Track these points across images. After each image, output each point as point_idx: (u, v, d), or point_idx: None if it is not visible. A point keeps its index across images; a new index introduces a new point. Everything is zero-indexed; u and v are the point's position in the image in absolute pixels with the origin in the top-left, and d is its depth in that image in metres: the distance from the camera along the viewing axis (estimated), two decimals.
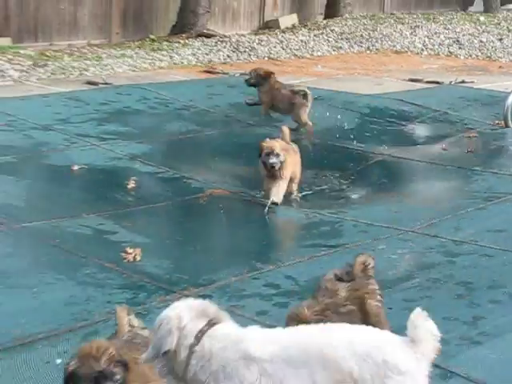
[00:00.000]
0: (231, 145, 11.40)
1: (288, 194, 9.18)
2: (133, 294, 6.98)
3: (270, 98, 12.23)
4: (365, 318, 5.55)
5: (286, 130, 9.50)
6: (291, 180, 9.18)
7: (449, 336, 6.19)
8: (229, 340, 4.20)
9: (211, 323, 4.29)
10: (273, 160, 8.69)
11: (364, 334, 4.23)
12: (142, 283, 7.18)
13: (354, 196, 10.07)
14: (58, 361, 5.69)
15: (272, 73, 12.42)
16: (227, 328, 4.33)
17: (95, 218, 8.43)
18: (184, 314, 4.31)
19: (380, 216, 8.91)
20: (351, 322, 5.33)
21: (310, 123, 11.97)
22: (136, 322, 5.11)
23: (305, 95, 11.97)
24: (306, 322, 5.32)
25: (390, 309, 6.74)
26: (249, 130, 12.12)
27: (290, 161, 8.98)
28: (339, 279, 5.69)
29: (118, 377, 4.35)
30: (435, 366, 4.07)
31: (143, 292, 7.03)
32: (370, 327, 4.44)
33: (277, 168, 8.73)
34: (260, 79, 12.25)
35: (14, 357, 5.81)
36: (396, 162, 11.10)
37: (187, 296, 6.79)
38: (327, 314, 5.49)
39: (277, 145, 8.82)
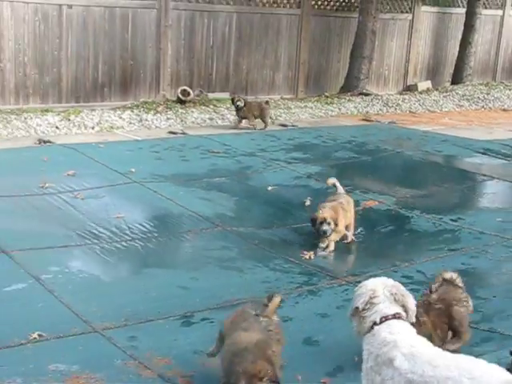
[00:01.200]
0: (381, 167, 11.30)
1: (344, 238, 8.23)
2: (307, 278, 7.01)
3: (250, 111, 13.58)
4: (450, 320, 5.23)
5: (335, 183, 8.59)
6: (346, 228, 8.16)
7: None
8: (392, 340, 3.91)
9: (396, 316, 4.04)
10: (325, 228, 7.74)
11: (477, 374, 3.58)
12: (315, 272, 7.20)
13: (469, 206, 9.74)
14: None
15: (246, 100, 13.97)
16: (400, 329, 4.00)
17: (282, 230, 8.43)
18: (378, 288, 4.12)
19: (489, 225, 8.54)
20: (438, 318, 5.18)
21: (269, 121, 13.89)
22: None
23: (267, 102, 13.90)
24: None
25: (494, 297, 6.54)
26: (395, 156, 11.93)
27: (341, 217, 7.98)
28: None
29: None
30: None
31: (315, 277, 7.06)
32: (485, 363, 3.71)
33: (328, 234, 7.79)
34: (244, 103, 13.54)
35: (226, 313, 5.92)
36: (502, 184, 10.65)
37: (347, 282, 6.82)
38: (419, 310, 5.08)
39: (328, 216, 7.80)
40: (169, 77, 15.89)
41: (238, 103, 13.55)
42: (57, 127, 12.69)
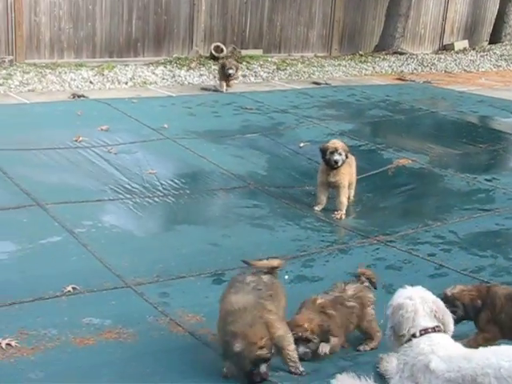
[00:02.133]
0: (415, 126, 11.19)
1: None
2: (338, 237, 6.99)
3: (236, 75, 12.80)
4: (359, 320, 4.91)
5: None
6: (349, 187, 7.86)
7: None
8: (429, 349, 3.79)
9: (436, 329, 3.90)
10: (337, 157, 7.49)
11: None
12: (346, 231, 7.17)
13: (504, 167, 9.62)
14: (286, 277, 5.73)
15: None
16: (440, 339, 3.87)
17: (313, 188, 8.15)
18: (419, 307, 3.93)
19: None
20: (352, 315, 4.86)
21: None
22: None
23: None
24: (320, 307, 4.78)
25: None
26: (429, 115, 11.76)
27: (347, 171, 7.75)
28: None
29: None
30: None
31: (346, 236, 7.04)
32: None
33: (339, 164, 7.53)
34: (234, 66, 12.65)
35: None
36: None
37: (378, 241, 6.74)
38: (336, 305, 4.83)
39: (340, 145, 7.61)
40: (202, 33, 15.76)
41: (230, 71, 12.54)
42: (90, 82, 12.68)
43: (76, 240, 6.33)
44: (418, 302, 3.94)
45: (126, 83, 12.93)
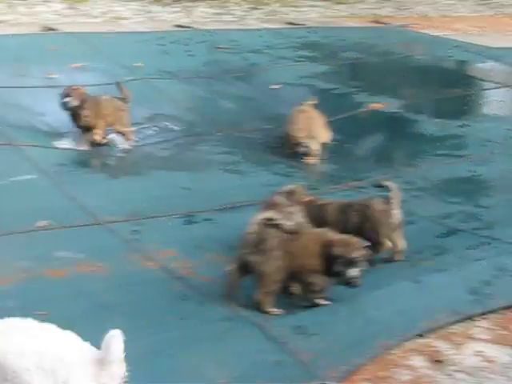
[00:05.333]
0: (389, 70, 11.18)
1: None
2: (310, 182, 7.04)
3: None
4: None
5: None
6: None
7: None
8: None
9: None
10: (67, 99, 7.36)
11: (58, 347, 3.06)
12: (317, 176, 7.26)
13: (477, 113, 9.74)
14: None
15: None
16: None
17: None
18: None
19: (496, 133, 8.46)
20: None
21: None
22: None
23: None
24: None
25: (497, 205, 6.59)
26: (404, 59, 11.73)
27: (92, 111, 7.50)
28: None
29: None
30: None
31: (317, 182, 7.11)
32: (71, 336, 3.14)
33: (70, 105, 7.36)
34: None
35: (227, 215, 6.08)
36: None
37: (349, 187, 6.81)
38: None
39: (72, 90, 7.44)
40: None
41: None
42: (62, 15, 12.49)
43: (49, 179, 6.39)
44: None
45: (99, 18, 12.76)
